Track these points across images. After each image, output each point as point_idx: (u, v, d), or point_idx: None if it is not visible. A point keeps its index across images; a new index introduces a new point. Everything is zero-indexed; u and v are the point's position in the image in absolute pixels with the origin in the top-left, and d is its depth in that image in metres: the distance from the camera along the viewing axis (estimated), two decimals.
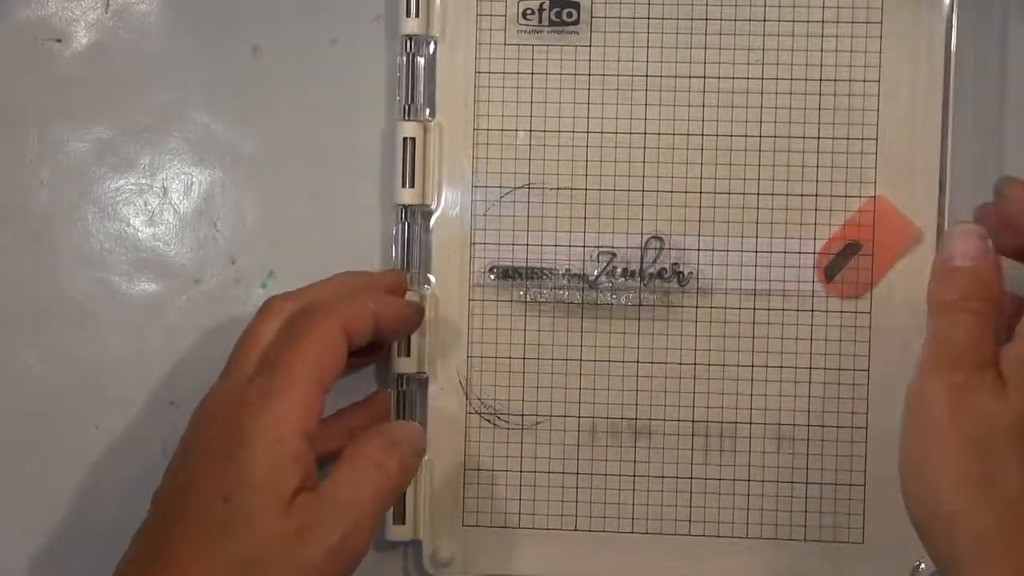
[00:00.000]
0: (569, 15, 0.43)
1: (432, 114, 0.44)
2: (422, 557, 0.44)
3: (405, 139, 0.43)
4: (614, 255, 0.44)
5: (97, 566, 0.36)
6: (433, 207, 0.44)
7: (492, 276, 0.43)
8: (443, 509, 0.44)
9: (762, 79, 0.43)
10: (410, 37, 0.43)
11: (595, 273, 0.44)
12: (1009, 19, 0.43)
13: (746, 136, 0.43)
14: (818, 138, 0.43)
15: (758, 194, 0.43)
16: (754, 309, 0.43)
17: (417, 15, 0.43)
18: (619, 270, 0.44)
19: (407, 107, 0.43)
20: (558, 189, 0.44)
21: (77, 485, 0.44)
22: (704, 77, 0.43)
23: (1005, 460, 0.34)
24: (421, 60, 0.43)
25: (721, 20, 0.43)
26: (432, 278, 0.44)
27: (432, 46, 0.43)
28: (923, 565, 0.43)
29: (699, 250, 0.43)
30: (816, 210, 0.43)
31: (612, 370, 0.44)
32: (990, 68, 0.43)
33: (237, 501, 0.34)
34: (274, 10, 0.44)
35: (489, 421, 0.44)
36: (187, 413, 0.38)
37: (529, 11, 0.43)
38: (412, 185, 0.43)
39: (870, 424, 0.43)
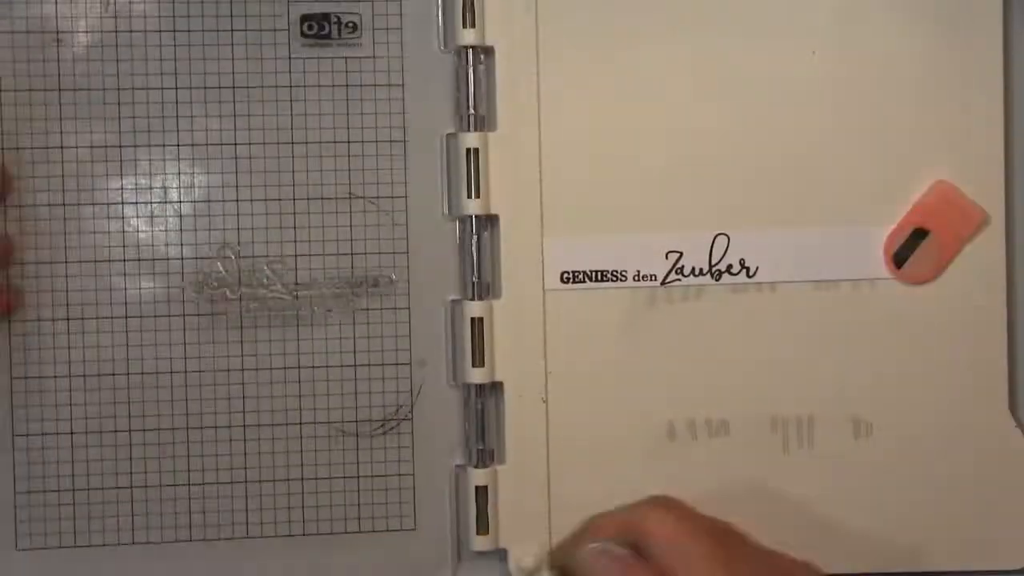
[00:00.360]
0: None
1: (492, 125, 0.44)
2: (508, 566, 0.44)
3: (469, 150, 0.43)
4: (681, 254, 0.44)
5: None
6: (499, 216, 0.44)
7: (563, 281, 0.44)
8: (527, 517, 0.44)
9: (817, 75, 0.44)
10: (467, 48, 0.43)
11: (664, 272, 0.44)
12: None
13: (806, 125, 0.44)
14: (877, 124, 0.44)
15: (822, 182, 0.44)
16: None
17: (473, 25, 0.43)
18: (688, 268, 0.44)
19: (470, 117, 0.43)
20: (624, 192, 0.44)
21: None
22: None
23: None
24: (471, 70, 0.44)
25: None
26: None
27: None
28: None
29: (764, 243, 0.44)
30: (882, 197, 0.44)
31: (685, 367, 0.44)
32: None
33: None
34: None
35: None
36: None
37: None
38: (478, 196, 0.43)
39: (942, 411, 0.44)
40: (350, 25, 0.44)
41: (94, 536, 0.43)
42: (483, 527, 0.43)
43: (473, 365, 0.43)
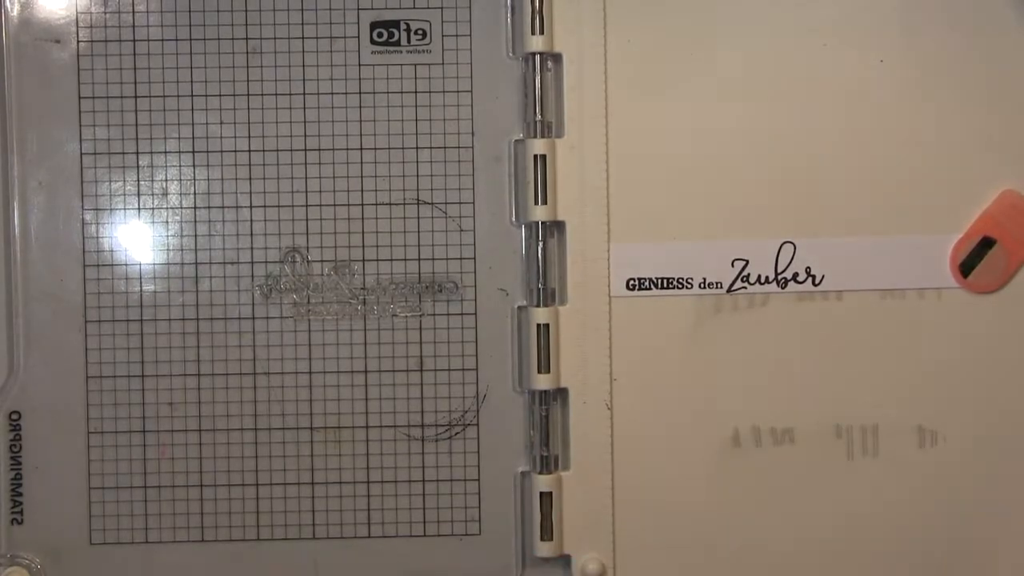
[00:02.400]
0: None
1: (560, 131, 0.44)
2: (571, 572, 0.44)
3: (536, 156, 0.43)
4: (747, 262, 0.44)
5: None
6: (566, 223, 0.44)
7: (629, 288, 0.44)
8: (592, 524, 0.44)
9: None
10: (535, 54, 0.44)
11: (730, 280, 0.44)
12: None
13: (873, 134, 0.44)
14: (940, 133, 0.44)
15: (889, 191, 0.44)
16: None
17: (542, 32, 0.43)
18: (753, 276, 0.44)
19: (538, 124, 0.44)
20: (691, 199, 0.44)
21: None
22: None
23: None
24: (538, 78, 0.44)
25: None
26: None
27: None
28: None
29: (830, 252, 0.44)
30: (949, 206, 0.44)
31: (749, 375, 0.44)
32: None
33: None
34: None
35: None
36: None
37: None
38: (544, 202, 0.44)
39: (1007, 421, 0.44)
40: (419, 32, 0.44)
41: (164, 533, 0.44)
42: (547, 533, 0.44)
43: (538, 371, 0.43)
